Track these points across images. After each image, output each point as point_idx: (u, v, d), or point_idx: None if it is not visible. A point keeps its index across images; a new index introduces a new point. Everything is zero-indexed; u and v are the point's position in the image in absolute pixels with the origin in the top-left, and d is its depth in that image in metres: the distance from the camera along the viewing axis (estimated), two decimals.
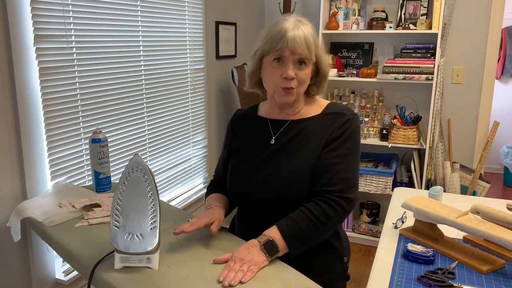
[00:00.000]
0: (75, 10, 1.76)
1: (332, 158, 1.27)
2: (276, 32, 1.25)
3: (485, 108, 3.25)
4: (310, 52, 1.26)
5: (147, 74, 2.25)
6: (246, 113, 1.47)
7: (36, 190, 1.64)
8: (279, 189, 1.29)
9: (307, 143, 1.31)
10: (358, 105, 3.46)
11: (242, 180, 1.36)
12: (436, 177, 3.18)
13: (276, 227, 1.21)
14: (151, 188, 1.09)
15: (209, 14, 2.79)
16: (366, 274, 2.99)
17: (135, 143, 2.21)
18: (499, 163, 5.20)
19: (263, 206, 1.33)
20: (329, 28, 3.27)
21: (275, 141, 1.35)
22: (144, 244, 1.09)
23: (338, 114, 1.33)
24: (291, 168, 1.29)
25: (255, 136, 1.39)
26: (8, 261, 1.60)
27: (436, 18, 2.96)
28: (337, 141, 1.28)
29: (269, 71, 1.28)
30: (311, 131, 1.32)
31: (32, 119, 1.61)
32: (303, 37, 1.24)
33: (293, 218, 1.23)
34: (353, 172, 1.29)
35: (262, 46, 1.28)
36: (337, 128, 1.29)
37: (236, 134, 1.45)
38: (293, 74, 1.25)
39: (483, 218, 1.38)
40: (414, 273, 1.27)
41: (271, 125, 1.38)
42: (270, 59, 1.27)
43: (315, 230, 1.23)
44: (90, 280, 1.11)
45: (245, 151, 1.39)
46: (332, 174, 1.25)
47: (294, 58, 1.25)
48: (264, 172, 1.32)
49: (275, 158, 1.32)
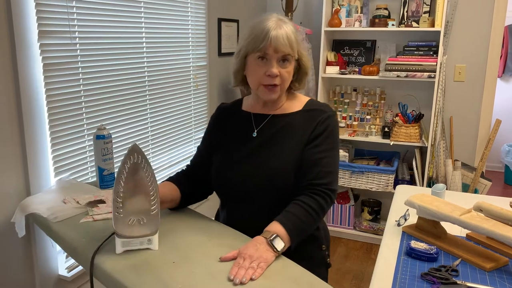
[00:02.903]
0: (78, 6, 1.76)
1: (317, 153, 1.33)
2: (260, 31, 1.28)
3: (487, 106, 3.25)
4: (292, 50, 1.30)
5: (150, 70, 2.25)
6: (230, 107, 1.52)
7: (39, 186, 1.65)
8: (262, 182, 1.33)
9: (289, 138, 1.36)
10: (360, 102, 3.46)
11: (226, 173, 1.39)
12: (437, 175, 3.19)
13: (277, 222, 1.22)
14: (150, 174, 1.15)
15: (211, 11, 2.79)
16: (367, 271, 3.00)
17: (138, 140, 2.21)
18: (500, 162, 5.20)
19: (247, 199, 1.37)
20: (331, 26, 3.27)
21: (257, 134, 1.40)
22: (147, 227, 1.16)
23: (318, 111, 1.38)
24: (274, 162, 1.33)
25: (238, 130, 1.43)
26: (12, 257, 1.60)
27: (438, 16, 2.96)
28: (320, 137, 1.34)
29: (253, 69, 1.32)
30: (293, 127, 1.37)
31: (36, 115, 1.61)
32: (286, 35, 1.28)
33: (292, 212, 1.26)
34: (336, 165, 1.37)
35: (246, 45, 1.32)
36: (319, 125, 1.35)
37: (219, 127, 1.48)
38: (277, 71, 1.29)
39: (486, 215, 1.38)
40: (417, 271, 1.27)
41: (254, 119, 1.43)
42: (254, 57, 1.31)
43: (312, 221, 1.28)
44: (91, 269, 1.13)
45: (229, 144, 1.43)
46: (319, 168, 1.31)
47: (277, 56, 1.29)
48: (248, 165, 1.36)
49: (258, 152, 1.37)
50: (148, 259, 1.14)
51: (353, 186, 3.33)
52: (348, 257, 3.21)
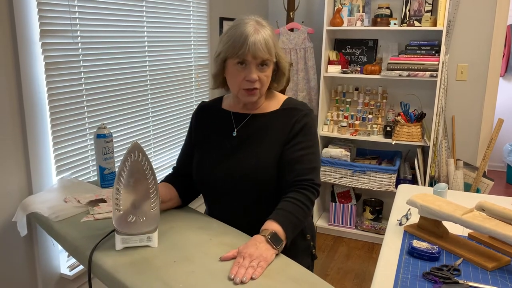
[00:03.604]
0: (80, 5, 1.76)
1: (298, 150, 1.35)
2: (238, 36, 1.29)
3: (489, 106, 3.24)
4: (270, 54, 1.32)
5: (151, 69, 2.25)
6: (210, 106, 1.53)
7: (41, 185, 1.65)
8: (242, 180, 1.35)
9: (267, 137, 1.38)
10: (362, 102, 3.45)
11: (207, 171, 1.42)
12: (439, 175, 3.18)
13: (273, 220, 1.23)
14: (150, 172, 1.16)
15: (213, 10, 2.79)
16: (369, 270, 2.99)
17: (140, 139, 2.21)
18: (502, 161, 5.18)
19: (226, 196, 1.40)
20: (333, 25, 3.27)
21: (237, 133, 1.42)
22: (147, 224, 1.17)
23: (295, 110, 1.41)
24: (253, 160, 1.36)
25: (218, 128, 1.46)
26: (14, 256, 1.60)
27: (441, 15, 2.95)
28: (298, 135, 1.37)
29: (233, 73, 1.34)
30: (271, 126, 1.40)
31: (38, 114, 1.61)
32: (263, 41, 1.29)
33: (285, 209, 1.27)
34: (318, 161, 1.41)
35: (225, 50, 1.32)
36: (297, 123, 1.38)
37: (200, 125, 1.50)
38: (256, 76, 1.31)
39: (488, 215, 1.38)
40: (419, 270, 1.27)
41: (233, 118, 1.45)
42: (233, 62, 1.32)
43: (304, 215, 1.30)
44: (89, 265, 1.14)
45: (209, 143, 1.45)
46: (302, 165, 1.34)
47: (256, 61, 1.31)
48: (228, 164, 1.38)
49: (238, 151, 1.39)
50: (148, 258, 1.14)
51: (355, 186, 3.32)
52: (349, 256, 3.21)
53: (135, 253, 1.16)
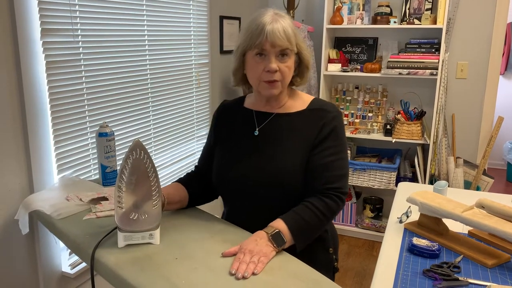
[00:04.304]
0: (81, 4, 1.77)
1: (327, 156, 1.30)
2: (255, 27, 1.27)
3: (489, 104, 3.25)
4: (290, 43, 1.27)
5: (152, 68, 2.25)
6: (232, 105, 1.49)
7: (43, 183, 1.65)
8: (261, 183, 1.31)
9: (292, 139, 1.33)
10: (362, 100, 3.46)
11: (226, 171, 1.38)
12: (439, 172, 3.19)
13: (281, 219, 1.23)
14: (152, 169, 1.16)
15: (213, 9, 2.79)
16: (369, 268, 3.00)
17: (140, 137, 2.21)
18: (503, 159, 5.19)
19: (246, 198, 1.35)
20: (333, 23, 3.27)
21: (259, 132, 1.37)
22: (149, 222, 1.17)
23: (322, 111, 1.35)
24: (275, 163, 1.31)
25: (240, 127, 1.41)
26: (16, 254, 1.61)
27: (441, 13, 2.96)
28: (327, 140, 1.31)
29: (252, 66, 1.30)
30: (296, 127, 1.34)
31: (39, 113, 1.61)
32: (282, 29, 1.26)
33: (298, 212, 1.25)
34: (346, 167, 1.35)
35: (243, 42, 1.30)
36: (325, 127, 1.32)
37: (221, 124, 1.47)
38: (276, 66, 1.27)
39: (488, 212, 1.38)
40: (419, 267, 1.28)
41: (256, 116, 1.40)
42: (252, 54, 1.29)
43: (318, 223, 1.27)
44: (92, 262, 1.14)
45: (230, 142, 1.42)
46: (330, 172, 1.30)
47: (275, 50, 1.26)
48: (248, 165, 1.34)
49: (259, 152, 1.35)
50: (150, 256, 1.14)
51: (355, 184, 3.33)
52: (350, 254, 3.22)
53: (137, 250, 1.16)
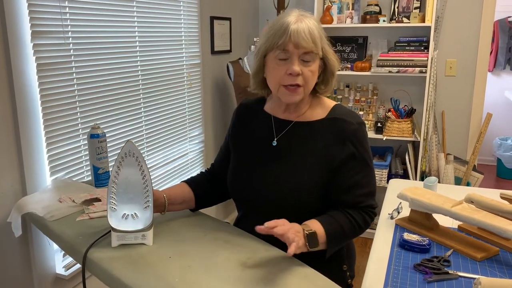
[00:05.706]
0: (71, 6, 1.77)
1: (354, 175, 1.25)
2: (279, 26, 1.19)
3: (478, 100, 3.29)
4: (315, 46, 1.19)
5: (143, 69, 2.25)
6: (252, 105, 1.43)
7: (35, 185, 1.65)
8: (277, 196, 1.26)
9: (310, 152, 1.26)
10: (352, 98, 3.48)
11: (241, 179, 1.34)
12: (430, 169, 3.22)
13: (319, 222, 1.17)
14: (144, 171, 1.18)
15: (204, 10, 2.79)
16: (363, 265, 3.00)
17: (133, 138, 2.21)
18: (492, 155, 5.25)
19: (260, 208, 1.30)
20: (323, 22, 3.29)
21: (277, 143, 1.30)
22: (140, 222, 1.19)
23: (343, 122, 1.26)
24: (292, 177, 1.25)
25: (257, 133, 1.35)
26: (9, 256, 1.61)
27: (429, 11, 2.99)
28: (353, 158, 1.25)
29: (273, 68, 1.22)
30: (315, 138, 1.26)
31: (31, 115, 1.61)
32: (307, 29, 1.17)
33: (336, 218, 1.21)
34: (374, 180, 1.32)
35: (265, 42, 1.22)
36: (348, 142, 1.24)
37: (240, 125, 1.41)
38: (299, 69, 1.18)
39: (477, 207, 1.40)
40: (410, 262, 1.30)
41: (274, 124, 1.33)
42: (274, 55, 1.20)
43: (352, 232, 1.25)
44: (84, 262, 1.15)
45: (246, 146, 1.36)
46: (359, 191, 1.26)
47: (299, 52, 1.18)
48: (265, 175, 1.29)
49: (277, 163, 1.28)
50: (144, 255, 1.15)
51: None
52: None
53: (131, 250, 1.17)
